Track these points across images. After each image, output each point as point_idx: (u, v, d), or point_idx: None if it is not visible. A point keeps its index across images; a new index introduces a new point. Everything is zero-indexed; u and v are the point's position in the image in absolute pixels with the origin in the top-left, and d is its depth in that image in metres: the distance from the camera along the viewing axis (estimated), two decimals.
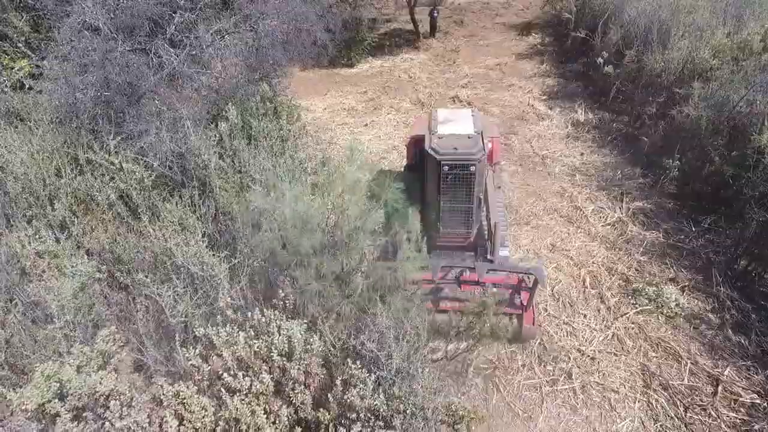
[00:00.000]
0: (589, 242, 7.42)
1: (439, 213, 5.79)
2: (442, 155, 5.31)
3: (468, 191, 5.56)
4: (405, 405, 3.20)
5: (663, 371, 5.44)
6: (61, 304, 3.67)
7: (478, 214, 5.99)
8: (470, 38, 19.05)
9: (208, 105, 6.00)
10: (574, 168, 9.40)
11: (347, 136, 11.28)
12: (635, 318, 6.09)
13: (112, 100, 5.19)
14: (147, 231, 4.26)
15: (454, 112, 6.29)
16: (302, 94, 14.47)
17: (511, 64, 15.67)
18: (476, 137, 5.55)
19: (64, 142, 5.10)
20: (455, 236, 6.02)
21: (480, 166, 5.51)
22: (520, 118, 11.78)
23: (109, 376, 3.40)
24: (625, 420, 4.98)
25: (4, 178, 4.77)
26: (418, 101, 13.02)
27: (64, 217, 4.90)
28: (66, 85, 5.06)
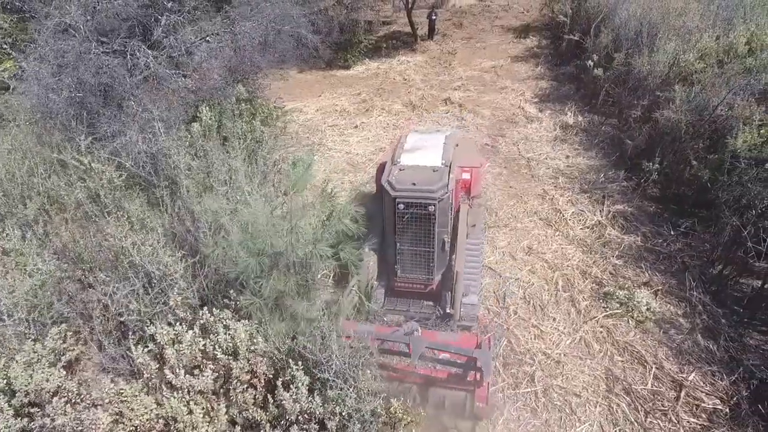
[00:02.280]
0: (566, 245, 7.36)
1: (396, 255, 5.14)
2: (398, 191, 4.69)
3: (428, 233, 4.88)
4: (340, 407, 3.19)
5: (627, 376, 5.37)
6: (14, 302, 3.72)
7: (443, 259, 5.27)
8: (468, 41, 18.98)
9: (186, 106, 6.03)
10: (558, 171, 9.32)
11: (336, 137, 11.29)
12: (605, 322, 6.02)
13: (86, 101, 5.25)
14: (107, 230, 4.30)
15: (425, 138, 5.64)
16: (297, 95, 14.54)
17: (507, 67, 15.59)
18: (442, 171, 4.90)
19: (36, 142, 5.16)
20: (415, 281, 5.31)
21: (443, 205, 4.81)
22: (510, 120, 11.71)
23: (56, 373, 3.43)
24: (584, 424, 4.93)
25: None
26: (410, 103, 13.00)
27: (36, 215, 4.97)
28: (38, 86, 5.12)
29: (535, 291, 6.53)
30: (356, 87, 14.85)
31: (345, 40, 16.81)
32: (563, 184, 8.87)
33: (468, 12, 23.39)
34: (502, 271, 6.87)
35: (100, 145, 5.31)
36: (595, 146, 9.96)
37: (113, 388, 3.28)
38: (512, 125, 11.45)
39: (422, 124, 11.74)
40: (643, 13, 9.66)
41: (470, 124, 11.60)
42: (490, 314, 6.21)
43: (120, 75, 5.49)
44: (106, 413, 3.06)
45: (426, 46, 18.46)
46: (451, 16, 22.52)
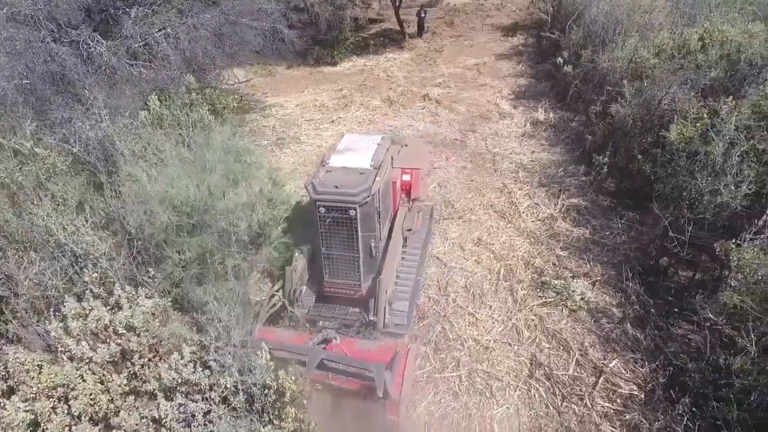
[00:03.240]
0: (516, 237, 7.45)
1: (323, 260, 5.07)
2: (319, 194, 4.59)
3: (351, 237, 4.77)
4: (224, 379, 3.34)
5: (551, 362, 5.47)
6: None
7: (372, 264, 5.13)
8: (457, 39, 19.03)
9: (140, 96, 6.20)
10: (521, 165, 9.40)
11: (311, 131, 11.43)
12: (539, 310, 6.12)
13: (36, 88, 5.43)
14: (36, 211, 4.47)
15: (359, 140, 5.48)
16: (282, 90, 14.68)
17: (490, 65, 15.63)
18: (368, 174, 4.75)
19: None
20: (343, 287, 5.21)
21: (366, 209, 4.69)
22: (483, 116, 11.78)
23: None
24: (502, 407, 5.04)
25: None
26: (388, 99, 13.09)
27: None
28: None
29: (477, 280, 6.63)
30: (340, 83, 14.96)
31: (332, 37, 16.94)
32: (523, 178, 8.95)
33: (461, 10, 23.40)
34: (449, 261, 6.97)
35: (51, 132, 5.50)
36: (561, 142, 10.01)
37: (17, 359, 3.44)
38: (485, 121, 11.52)
39: (397, 120, 11.85)
40: (611, 10, 9.68)
41: (444, 119, 11.68)
42: (430, 302, 6.33)
43: (71, 64, 5.67)
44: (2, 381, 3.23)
45: (414, 43, 18.53)
46: (443, 15, 22.55)
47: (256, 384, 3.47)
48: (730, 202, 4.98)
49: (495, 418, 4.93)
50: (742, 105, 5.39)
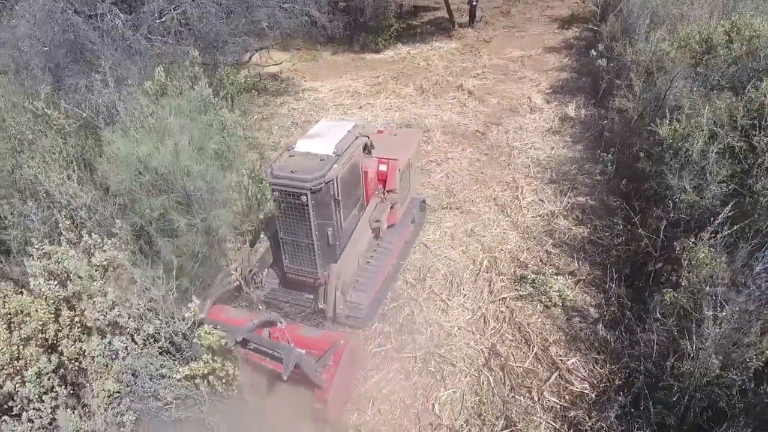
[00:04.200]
0: (510, 230, 7.49)
1: (282, 245, 5.25)
2: (274, 178, 4.74)
3: (304, 224, 4.91)
4: (147, 325, 3.79)
5: (510, 353, 5.56)
6: None
7: (330, 252, 5.19)
8: (509, 29, 18.80)
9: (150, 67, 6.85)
10: (537, 161, 9.33)
11: (334, 114, 11.88)
12: (513, 303, 6.19)
13: (54, 56, 6.20)
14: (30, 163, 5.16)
15: (331, 126, 5.53)
16: (320, 75, 15.26)
17: (536, 57, 15.38)
18: (328, 161, 4.82)
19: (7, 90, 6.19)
20: (302, 274, 5.38)
21: (320, 197, 4.77)
22: (513, 109, 11.72)
23: None
24: (448, 390, 5.22)
25: None
26: (421, 88, 13.30)
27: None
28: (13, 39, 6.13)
29: (458, 269, 6.79)
30: (378, 70, 15.32)
31: (376, 23, 17.29)
32: (535, 173, 8.91)
33: (521, 0, 23.02)
34: (436, 249, 7.17)
35: (66, 96, 6.27)
36: (585, 139, 9.81)
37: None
38: (513, 114, 11.47)
39: (424, 109, 12.05)
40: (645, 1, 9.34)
41: (471, 111, 11.74)
42: (406, 286, 6.57)
43: (87, 34, 6.40)
44: None
45: (463, 33, 18.50)
46: (501, 4, 22.28)
47: (177, 333, 3.93)
48: (699, 201, 4.84)
49: (439, 399, 5.14)
50: (740, 102, 5.17)
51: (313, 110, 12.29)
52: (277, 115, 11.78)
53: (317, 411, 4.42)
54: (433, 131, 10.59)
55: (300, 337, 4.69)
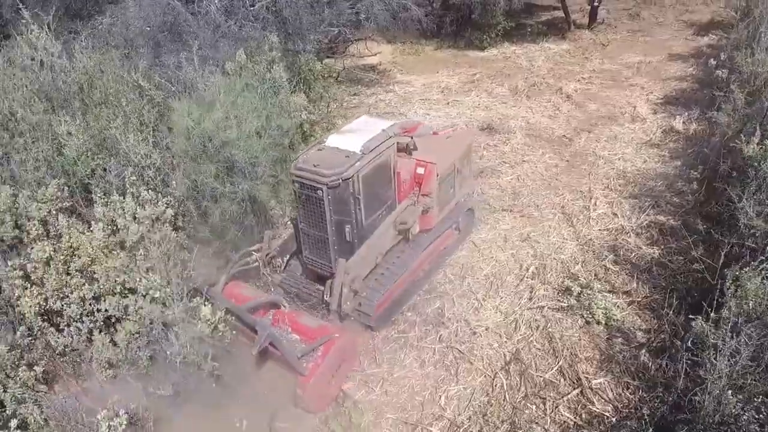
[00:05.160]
0: (569, 240, 7.28)
1: (301, 235, 5.46)
2: (297, 170, 4.96)
3: (321, 217, 5.07)
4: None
5: (533, 362, 5.48)
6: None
7: (346, 248, 5.29)
8: (633, 33, 17.84)
9: (233, 48, 7.71)
10: (622, 173, 8.88)
11: (421, 110, 12.22)
12: (550, 313, 6.06)
13: (154, 35, 7.27)
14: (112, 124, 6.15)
15: (369, 123, 5.59)
16: (417, 70, 15.72)
17: (656, 64, 14.47)
18: (352, 158, 4.94)
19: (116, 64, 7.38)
20: (318, 265, 5.54)
21: (338, 193, 4.89)
22: (611, 117, 11.21)
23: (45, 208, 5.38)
24: (459, 386, 5.30)
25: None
26: (515, 88, 13.19)
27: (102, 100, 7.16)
28: (122, 21, 7.29)
29: (502, 272, 6.78)
30: (477, 68, 15.40)
31: (483, 20, 17.35)
32: (616, 186, 8.51)
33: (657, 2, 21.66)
34: (484, 249, 7.21)
35: (160, 71, 7.35)
36: (686, 156, 9.12)
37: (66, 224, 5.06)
38: (610, 122, 10.98)
39: (513, 110, 11.96)
40: None
41: (564, 115, 11.44)
42: (444, 280, 6.73)
43: (185, 17, 7.42)
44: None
45: (579, 34, 17.90)
46: (632, 6, 21.13)
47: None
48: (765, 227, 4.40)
49: (448, 393, 5.25)
50: None
51: (400, 103, 12.75)
52: (362, 105, 12.40)
53: (297, 397, 4.63)
54: (514, 133, 10.50)
55: (299, 324, 4.95)
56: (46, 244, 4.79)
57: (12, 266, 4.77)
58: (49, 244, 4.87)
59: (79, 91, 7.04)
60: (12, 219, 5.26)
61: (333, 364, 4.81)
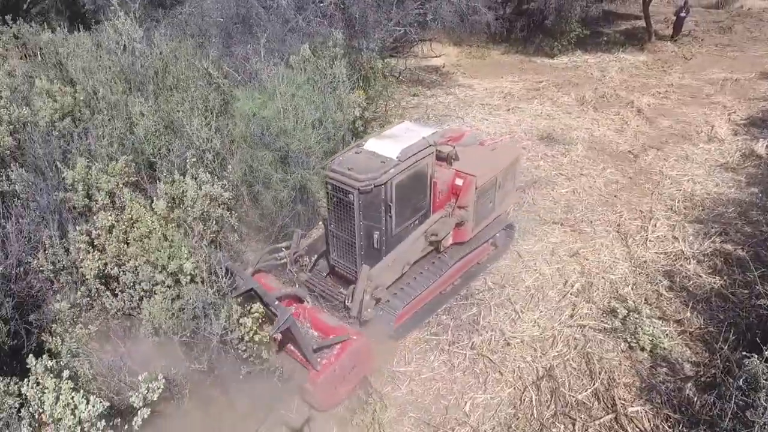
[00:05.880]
0: (621, 260, 7.02)
1: (330, 236, 5.45)
2: (331, 171, 4.95)
3: (350, 221, 5.04)
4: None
5: (567, 381, 5.34)
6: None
7: (373, 255, 5.26)
8: (722, 48, 16.91)
9: (298, 42, 7.98)
10: (689, 195, 8.44)
11: (478, 115, 12.12)
12: (591, 333, 5.88)
13: (227, 27, 7.65)
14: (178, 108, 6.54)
15: (409, 129, 5.48)
16: (481, 74, 15.62)
17: (743, 82, 13.64)
18: (388, 164, 4.88)
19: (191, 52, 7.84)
20: (345, 269, 5.53)
21: (369, 198, 4.85)
22: (684, 136, 10.68)
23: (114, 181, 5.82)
24: (486, 395, 5.26)
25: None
26: (582, 99, 12.83)
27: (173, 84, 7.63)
28: (199, 12, 7.74)
29: (544, 285, 6.65)
30: (544, 75, 15.11)
31: (556, 27, 16.97)
32: (680, 208, 8.10)
33: (754, 16, 20.51)
34: (528, 260, 7.09)
35: (229, 61, 7.74)
36: (765, 183, 8.54)
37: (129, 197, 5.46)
38: (682, 141, 10.47)
39: (577, 120, 11.64)
40: None
41: (631, 130, 11.02)
42: (483, 287, 6.68)
43: (257, 10, 7.76)
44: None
45: (660, 46, 17.19)
46: (725, 19, 20.04)
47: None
48: None
49: (474, 400, 5.23)
50: None
51: (459, 106, 12.71)
52: (420, 106, 12.46)
53: (305, 390, 4.60)
54: (575, 144, 10.22)
55: (319, 320, 5.01)
56: (109, 214, 5.18)
57: (79, 231, 5.19)
58: (113, 214, 5.28)
59: (154, 75, 7.54)
60: (84, 189, 5.71)
61: (346, 364, 4.75)
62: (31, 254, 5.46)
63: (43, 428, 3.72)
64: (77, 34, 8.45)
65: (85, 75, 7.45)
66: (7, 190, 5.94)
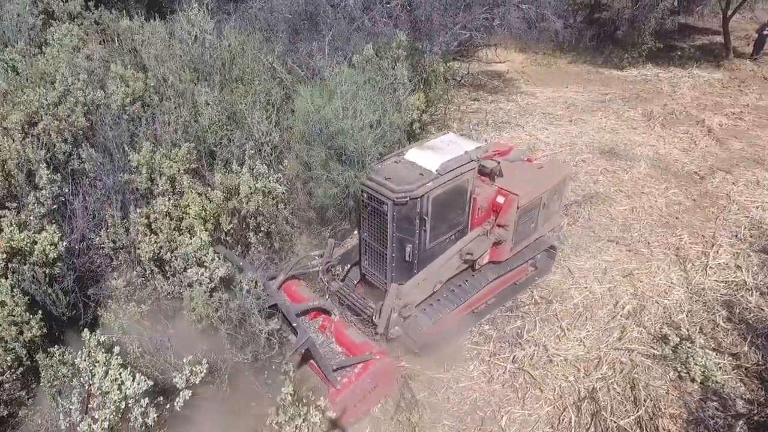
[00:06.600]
0: (677, 286, 6.74)
1: (361, 245, 5.40)
2: (368, 180, 4.88)
3: (383, 232, 4.97)
4: None
5: (609, 405, 5.18)
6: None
7: (405, 268, 5.15)
8: None
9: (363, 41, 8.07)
10: (757, 223, 8.00)
11: (539, 124, 11.90)
12: (639, 358, 5.68)
13: (294, 23, 7.83)
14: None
15: (453, 141, 5.32)
16: (545, 82, 15.33)
17: None
18: (427, 176, 4.74)
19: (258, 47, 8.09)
20: (375, 279, 5.46)
21: (404, 210, 4.74)
22: (757, 160, 10.13)
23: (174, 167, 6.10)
24: (523, 410, 5.17)
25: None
26: (649, 114, 12.37)
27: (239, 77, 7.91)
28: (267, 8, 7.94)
29: (593, 304, 6.47)
30: (611, 87, 14.67)
31: (628, 39, 16.43)
32: (746, 236, 7.69)
33: None
34: (579, 277, 6.92)
35: (294, 57, 7.94)
36: None
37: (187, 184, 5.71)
38: (755, 165, 9.94)
39: (642, 137, 11.24)
40: None
41: (700, 151, 10.54)
42: (529, 301, 6.57)
43: (325, 8, 7.91)
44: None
45: (738, 64, 16.34)
46: None
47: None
48: None
49: (511, 415, 5.16)
50: None
51: (519, 114, 12.51)
52: (480, 111, 12.35)
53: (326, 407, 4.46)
54: (638, 161, 9.87)
55: (344, 335, 4.98)
56: (167, 199, 5.43)
57: (140, 213, 5.48)
58: (172, 199, 5.54)
59: (221, 66, 7.85)
60: (147, 172, 6.02)
61: (367, 384, 4.70)
62: (94, 231, 5.80)
63: (92, 399, 3.95)
64: (153, 23, 8.89)
65: (157, 62, 7.84)
66: (77, 168, 6.33)
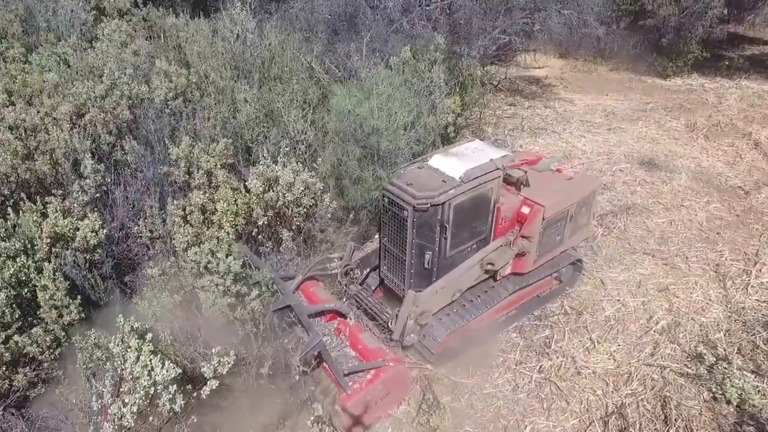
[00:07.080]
0: (715, 303, 6.51)
1: (380, 249, 5.40)
2: (390, 184, 4.86)
3: (402, 238, 4.96)
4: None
5: (638, 422, 5.04)
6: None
7: (424, 275, 5.12)
8: None
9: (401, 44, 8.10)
10: None
11: (576, 131, 11.69)
12: (671, 376, 5.51)
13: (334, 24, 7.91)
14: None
15: (479, 149, 5.25)
16: (584, 89, 15.06)
17: None
18: (450, 183, 4.69)
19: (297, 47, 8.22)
20: (394, 285, 5.44)
21: (424, 217, 4.70)
22: None
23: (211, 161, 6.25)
24: (549, 422, 5.08)
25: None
26: (693, 125, 12.00)
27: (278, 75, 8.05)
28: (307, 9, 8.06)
29: (626, 318, 6.31)
30: (653, 96, 14.30)
31: (673, 47, 15.99)
32: None
33: None
34: (612, 289, 6.76)
35: (332, 57, 8.03)
36: None
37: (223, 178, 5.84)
38: None
39: (685, 148, 10.93)
40: None
41: (745, 164, 10.17)
42: (559, 310, 6.46)
43: (364, 10, 7.98)
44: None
45: None
46: None
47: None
48: None
49: (535, 426, 5.08)
50: None
51: (556, 121, 12.32)
52: (516, 116, 12.22)
53: (333, 411, 4.54)
54: (679, 173, 9.59)
55: (359, 340, 4.96)
56: (201, 193, 5.57)
57: (176, 205, 5.63)
58: (208, 192, 5.68)
59: (261, 65, 8.00)
60: (186, 165, 6.19)
61: (379, 391, 4.65)
62: (132, 220, 6.02)
63: (123, 383, 4.08)
64: (197, 21, 9.14)
65: (200, 59, 8.06)
66: (120, 159, 6.56)
